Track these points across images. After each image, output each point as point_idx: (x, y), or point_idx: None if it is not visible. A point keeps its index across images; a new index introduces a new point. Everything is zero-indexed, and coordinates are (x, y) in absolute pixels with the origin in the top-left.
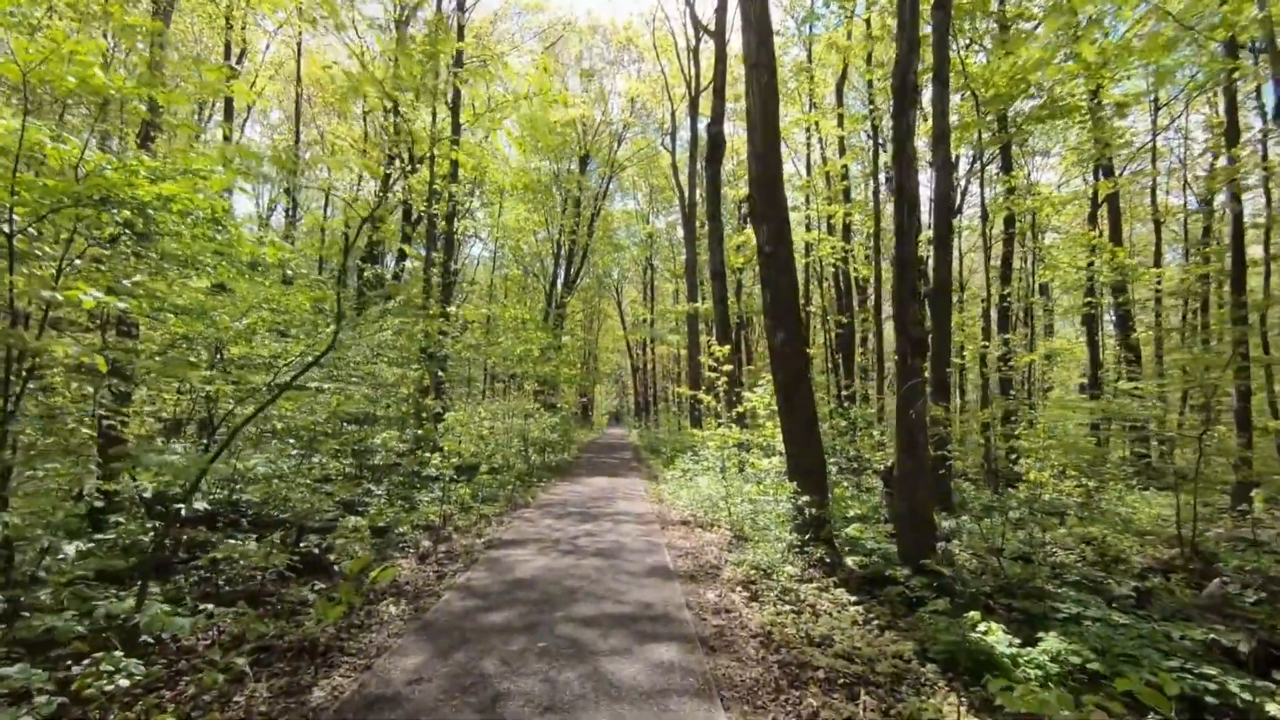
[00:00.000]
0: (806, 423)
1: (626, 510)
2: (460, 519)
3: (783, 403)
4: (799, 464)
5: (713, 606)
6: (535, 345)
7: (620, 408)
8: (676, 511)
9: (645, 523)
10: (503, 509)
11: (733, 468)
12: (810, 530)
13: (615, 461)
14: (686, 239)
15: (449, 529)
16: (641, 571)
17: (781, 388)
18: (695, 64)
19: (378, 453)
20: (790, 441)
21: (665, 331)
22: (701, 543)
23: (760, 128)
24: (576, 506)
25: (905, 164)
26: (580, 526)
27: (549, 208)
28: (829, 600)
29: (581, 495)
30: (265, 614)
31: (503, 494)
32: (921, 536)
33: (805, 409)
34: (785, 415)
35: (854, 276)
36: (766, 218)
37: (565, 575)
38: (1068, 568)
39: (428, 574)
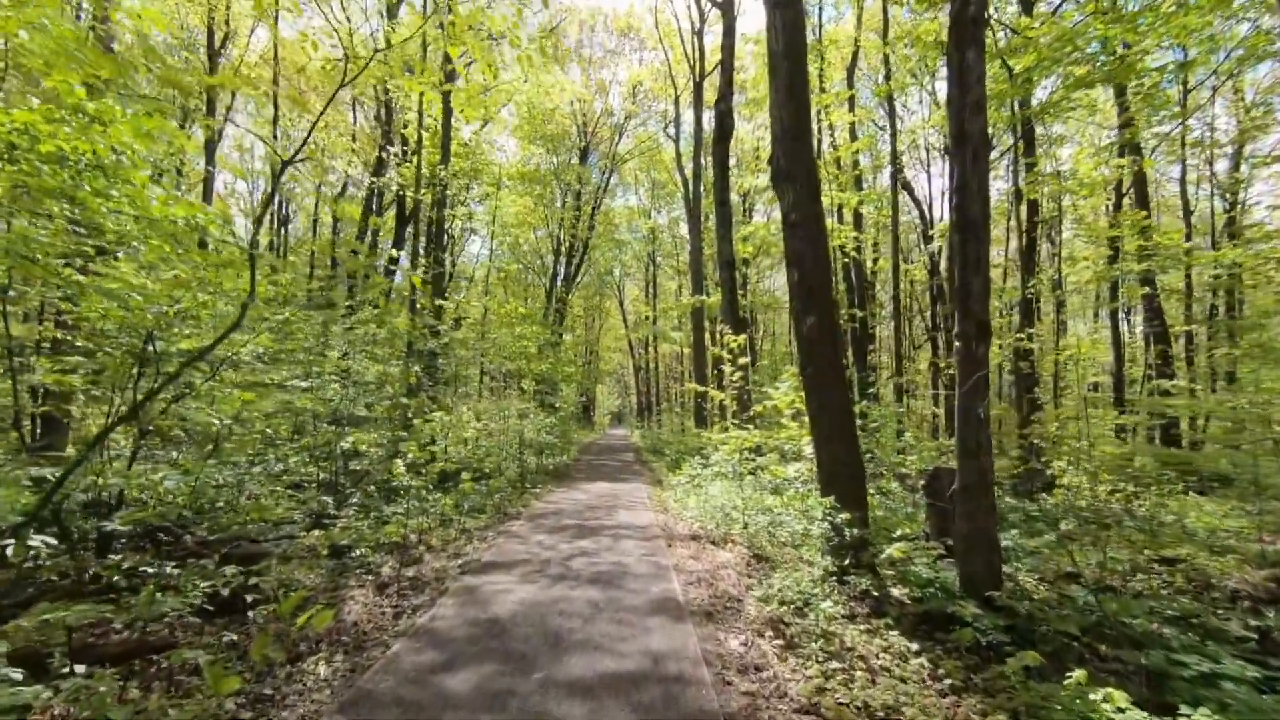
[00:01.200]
0: (840, 423)
1: (628, 522)
2: (437, 535)
3: (812, 399)
4: (831, 472)
5: (738, 661)
6: (532, 341)
7: (622, 408)
8: (684, 523)
9: (649, 538)
10: (489, 521)
11: (748, 474)
12: (849, 554)
13: (616, 464)
14: (691, 230)
15: (420, 549)
16: (646, 607)
17: (811, 382)
18: (700, 47)
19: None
20: (821, 445)
21: (668, 329)
22: (715, 564)
23: (785, 74)
24: (573, 517)
25: (969, 107)
26: (575, 543)
27: (548, 200)
28: (884, 649)
29: (579, 503)
30: (147, 682)
31: (491, 503)
32: (988, 563)
33: (839, 407)
34: (815, 414)
35: (866, 269)
36: (793, 178)
37: (553, 612)
38: (1155, 597)
39: (383, 610)
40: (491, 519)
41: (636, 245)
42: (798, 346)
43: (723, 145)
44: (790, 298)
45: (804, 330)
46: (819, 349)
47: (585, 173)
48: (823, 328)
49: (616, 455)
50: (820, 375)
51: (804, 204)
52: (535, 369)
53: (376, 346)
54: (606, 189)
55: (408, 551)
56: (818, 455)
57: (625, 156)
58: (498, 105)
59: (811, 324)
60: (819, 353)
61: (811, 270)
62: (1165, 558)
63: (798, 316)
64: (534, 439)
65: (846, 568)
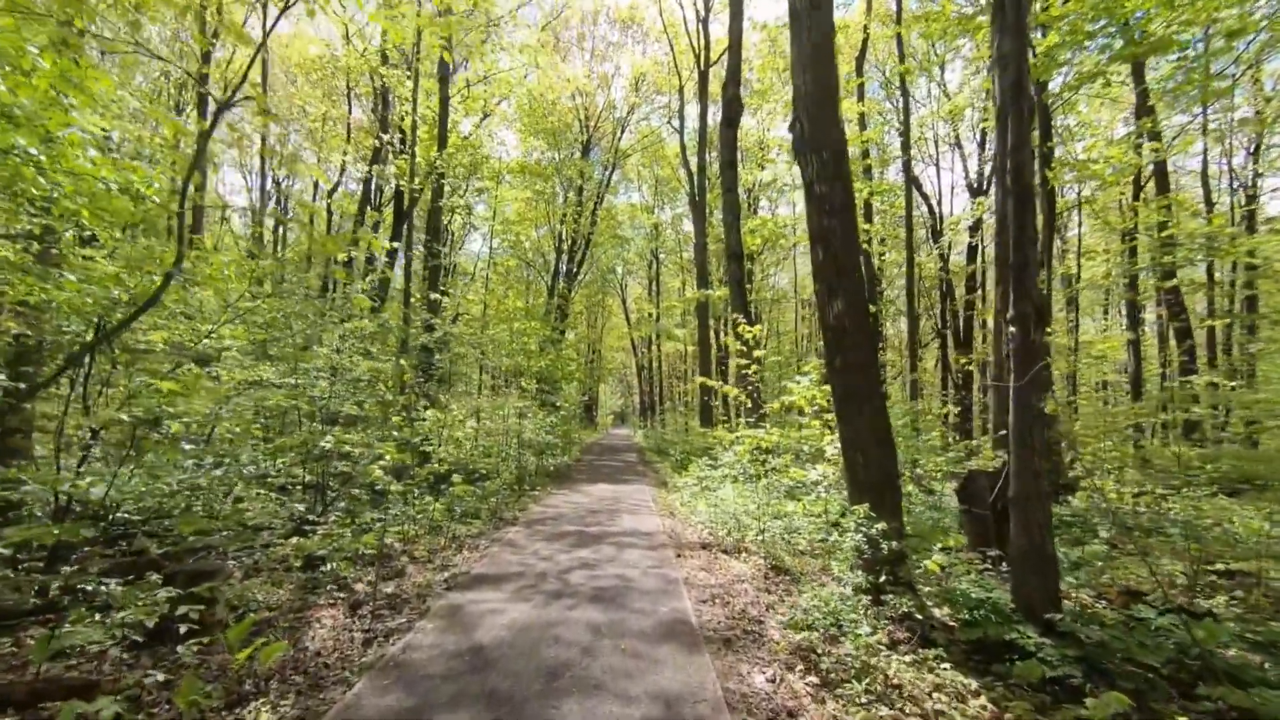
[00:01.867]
0: (874, 423)
1: (632, 528)
2: (425, 543)
3: (840, 396)
4: (863, 477)
5: (767, 705)
6: (531, 338)
7: (625, 407)
8: (692, 530)
9: (656, 546)
10: (483, 527)
11: (762, 477)
12: (884, 569)
13: (619, 465)
14: (696, 224)
15: (403, 560)
16: (655, 631)
17: (839, 376)
18: (705, 36)
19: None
20: (851, 447)
21: (672, 326)
22: (730, 577)
23: (808, 29)
24: (573, 523)
25: (1018, 58)
26: (575, 553)
27: (549, 196)
28: (936, 686)
29: (580, 507)
30: None
31: (486, 508)
32: (1044, 581)
33: (872, 405)
34: (844, 412)
35: (876, 263)
36: (818, 145)
37: (548, 639)
38: (1235, 618)
39: (352, 635)
40: (486, 525)
41: (639, 242)
42: (823, 336)
43: (731, 131)
44: (815, 280)
45: (830, 317)
46: (849, 338)
47: (587, 167)
48: (853, 313)
49: (619, 455)
50: (851, 368)
51: (830, 172)
52: (535, 366)
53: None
54: (609, 184)
55: (390, 563)
56: (847, 458)
57: (628, 151)
58: (497, 97)
59: (840, 309)
60: (849, 342)
61: (840, 247)
62: (1225, 569)
63: (823, 301)
64: (533, 439)
65: (882, 585)
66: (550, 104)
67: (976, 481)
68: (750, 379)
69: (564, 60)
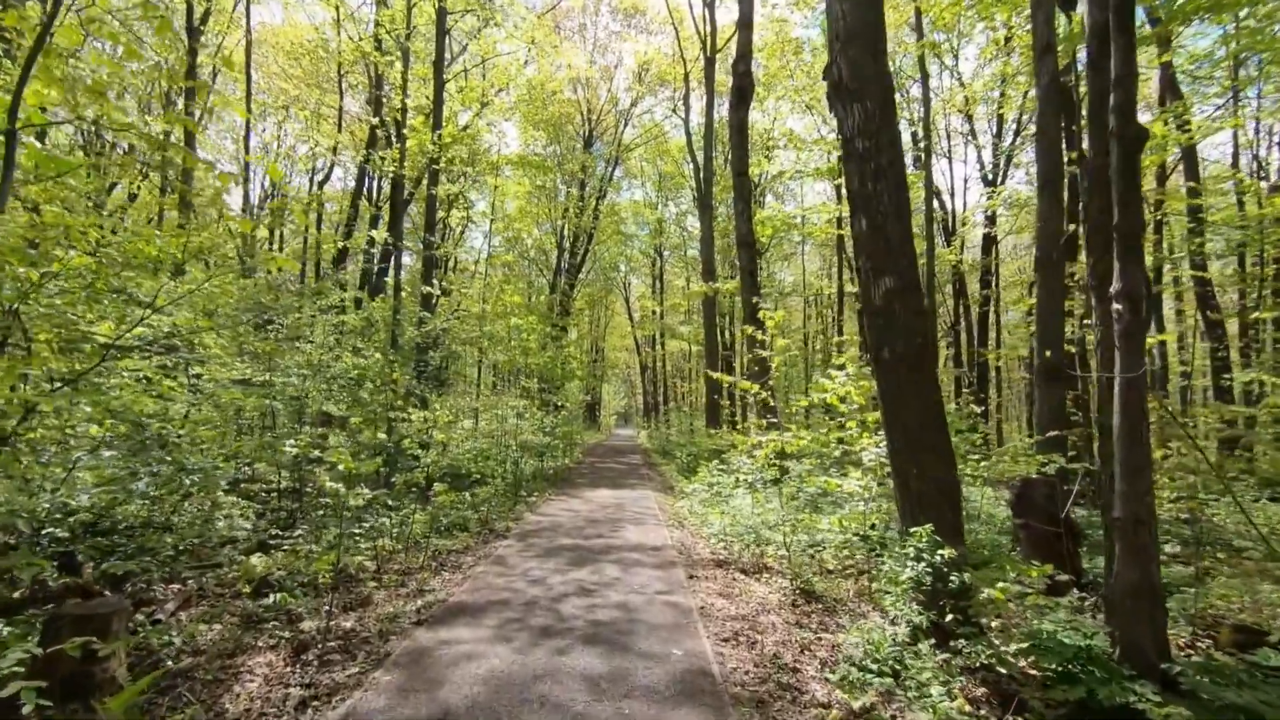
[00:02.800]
0: (929, 427)
1: (637, 541)
2: (400, 562)
3: (888, 392)
4: (917, 490)
5: None
6: (530, 334)
7: (628, 408)
8: (704, 543)
9: (664, 564)
10: (471, 541)
11: (786, 486)
12: (948, 604)
13: (622, 467)
14: (702, 217)
15: (370, 585)
16: (668, 687)
17: (887, 369)
18: (712, 20)
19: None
20: (902, 455)
21: (676, 324)
22: (753, 605)
23: None
24: (571, 535)
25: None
26: (572, 574)
27: (550, 192)
28: None
29: (580, 516)
30: None
31: (476, 517)
32: (1155, 623)
33: (927, 404)
34: (892, 412)
35: None
36: (859, 92)
37: (533, 699)
38: None
39: (286, 694)
40: (474, 538)
41: (643, 238)
42: (867, 322)
43: (741, 110)
44: (857, 255)
45: (876, 299)
46: (899, 324)
47: (589, 160)
48: (905, 295)
49: (622, 457)
50: (901, 360)
51: (875, 124)
52: (533, 363)
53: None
54: (611, 179)
55: (354, 588)
56: (895, 467)
57: (631, 145)
58: (496, 87)
59: (888, 289)
60: (899, 330)
61: (888, 215)
62: None
63: (867, 281)
64: (531, 441)
65: (948, 625)
66: (550, 94)
67: (1033, 491)
68: (772, 373)
69: (565, 42)
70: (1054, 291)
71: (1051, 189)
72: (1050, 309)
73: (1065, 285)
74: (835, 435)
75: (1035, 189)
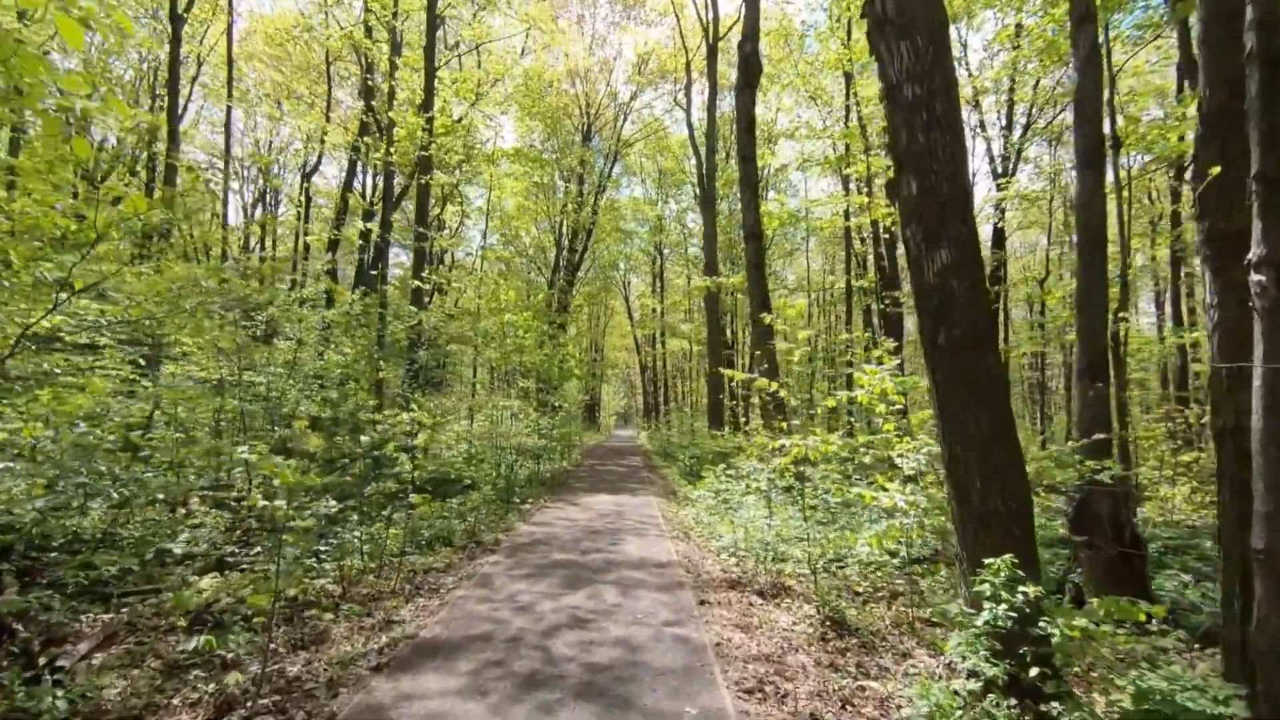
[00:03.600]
0: (996, 427)
1: (639, 557)
2: (368, 586)
3: (946, 386)
4: (981, 506)
5: None
6: (525, 330)
7: (628, 408)
8: (712, 557)
9: (671, 586)
10: (454, 557)
11: (812, 496)
12: (1027, 652)
13: (622, 470)
14: (704, 210)
15: (324, 619)
16: None
17: (944, 359)
18: (714, 5)
19: None
20: (962, 462)
21: (677, 322)
22: (777, 641)
23: None
24: (566, 548)
25: None
26: (565, 599)
27: (547, 184)
28: None
29: (576, 526)
30: None
31: (463, 528)
32: None
33: (992, 401)
34: (952, 410)
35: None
36: (907, 28)
37: None
38: None
39: None
40: (458, 553)
41: (643, 234)
42: (918, 303)
43: (748, 92)
44: (905, 223)
45: (929, 275)
46: (959, 304)
47: (588, 155)
48: (965, 270)
49: (622, 459)
50: (962, 348)
51: (926, 65)
52: (528, 361)
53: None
54: (610, 174)
55: (310, 620)
56: (954, 478)
57: (631, 140)
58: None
59: (946, 263)
60: (959, 307)
61: (944, 173)
62: None
63: (918, 253)
64: (527, 443)
65: (1031, 684)
66: (548, 85)
67: (1096, 504)
68: (791, 368)
69: (562, 35)
70: (1097, 279)
71: (1094, 166)
72: (1092, 298)
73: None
74: (864, 439)
75: (1075, 168)
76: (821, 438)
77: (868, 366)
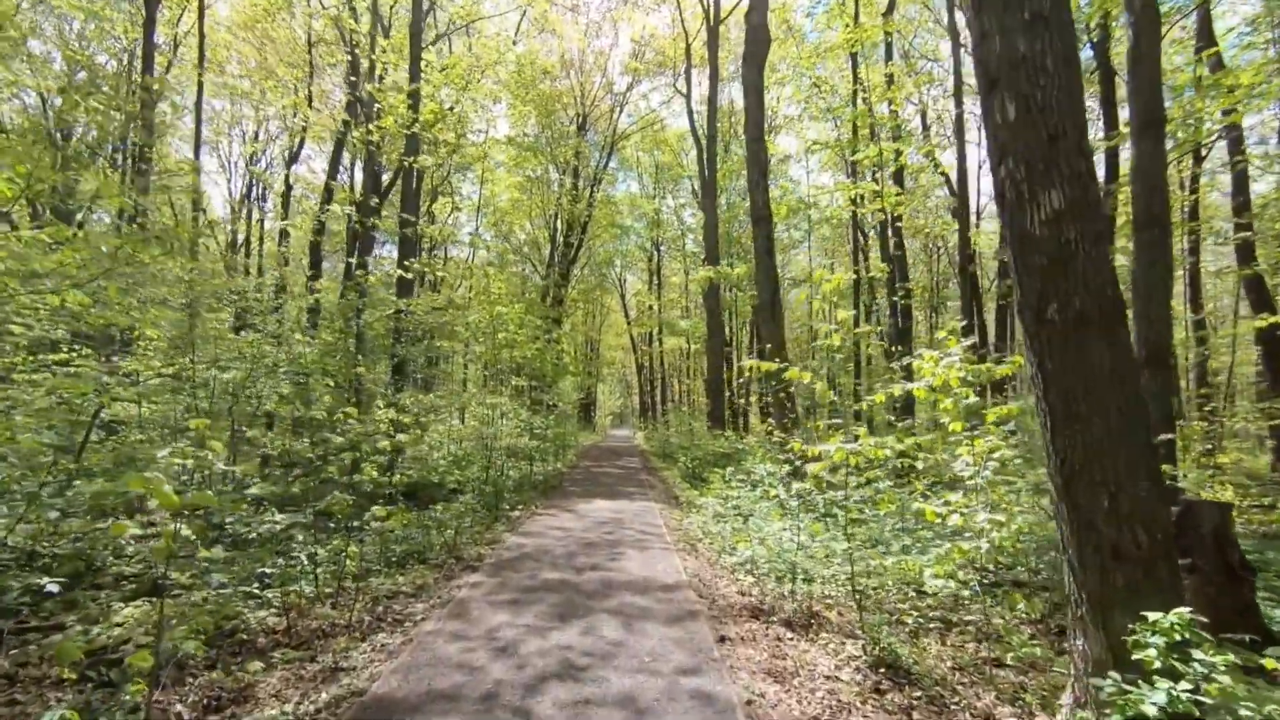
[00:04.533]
0: (1129, 424)
1: (643, 575)
2: (318, 618)
3: (1057, 373)
4: (1113, 535)
5: None
6: (516, 323)
7: (624, 407)
8: (726, 577)
9: (682, 615)
10: (430, 576)
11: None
12: None
13: (620, 472)
14: (706, 200)
15: (250, 670)
16: None
17: (1056, 337)
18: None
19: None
20: (1084, 473)
21: (675, 319)
22: (820, 696)
23: None
24: (559, 567)
25: None
26: (555, 635)
27: (541, 172)
28: None
29: (570, 538)
30: None
31: (442, 541)
32: None
33: (1125, 390)
34: (1066, 402)
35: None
36: None
37: None
38: None
39: None
40: (434, 572)
41: (639, 230)
42: (1017, 263)
43: (756, 66)
44: (998, 162)
45: (1033, 224)
46: (1078, 261)
47: (583, 146)
48: (1084, 216)
49: (619, 460)
50: (1084, 323)
51: None
52: (517, 356)
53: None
54: (606, 167)
55: (238, 669)
56: (1070, 495)
57: (627, 132)
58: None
59: (1059, 209)
60: (1078, 269)
61: (1053, 89)
62: None
63: (1017, 197)
64: (517, 444)
65: None
66: (542, 72)
67: (1198, 518)
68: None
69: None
70: (1158, 257)
71: (1153, 131)
72: (1153, 279)
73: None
74: (912, 441)
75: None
76: (877, 441)
77: (927, 352)
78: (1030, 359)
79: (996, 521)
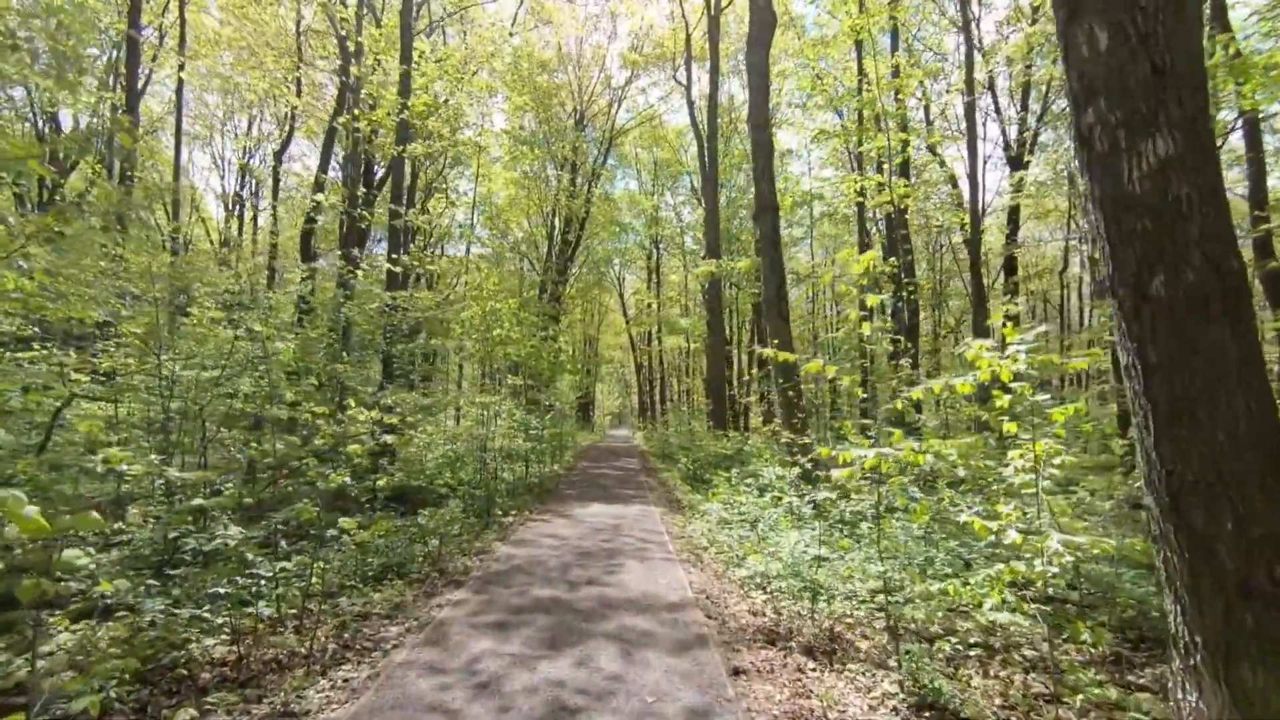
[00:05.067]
0: (1261, 438)
1: (644, 591)
2: (274, 647)
3: (1162, 366)
4: (1239, 566)
5: None
6: (511, 320)
7: (623, 407)
8: (736, 592)
9: (689, 641)
10: (409, 593)
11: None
12: None
13: (619, 474)
14: (706, 194)
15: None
16: None
17: (1162, 320)
18: None
19: None
20: (1199, 486)
21: (675, 317)
22: None
23: None
24: (552, 582)
25: None
26: (544, 668)
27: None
28: None
29: (566, 547)
30: None
31: (424, 553)
32: None
33: (1254, 387)
34: (1171, 405)
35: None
36: None
37: None
38: None
39: None
40: (414, 588)
41: (638, 227)
42: (1107, 229)
43: (762, 48)
44: (1081, 103)
45: (1131, 177)
46: (1191, 224)
47: (581, 141)
48: (1199, 168)
49: (618, 461)
50: (1200, 301)
51: None
52: (511, 353)
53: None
54: (604, 162)
55: (173, 710)
56: (1178, 513)
57: (625, 128)
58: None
59: (1166, 156)
60: (1191, 233)
61: (1156, 13)
62: None
63: (1110, 145)
64: (512, 445)
65: None
66: (539, 65)
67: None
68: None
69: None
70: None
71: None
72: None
73: None
74: (965, 445)
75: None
76: (925, 446)
77: (976, 341)
78: (1126, 346)
79: (1072, 544)
